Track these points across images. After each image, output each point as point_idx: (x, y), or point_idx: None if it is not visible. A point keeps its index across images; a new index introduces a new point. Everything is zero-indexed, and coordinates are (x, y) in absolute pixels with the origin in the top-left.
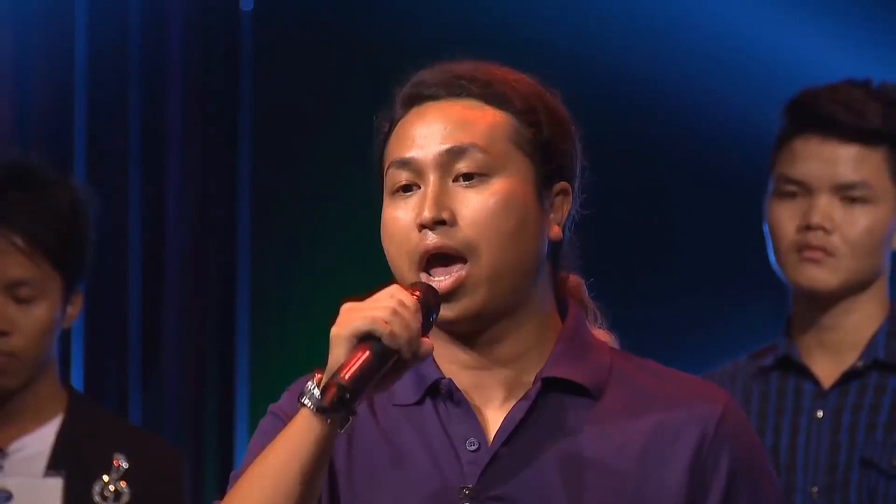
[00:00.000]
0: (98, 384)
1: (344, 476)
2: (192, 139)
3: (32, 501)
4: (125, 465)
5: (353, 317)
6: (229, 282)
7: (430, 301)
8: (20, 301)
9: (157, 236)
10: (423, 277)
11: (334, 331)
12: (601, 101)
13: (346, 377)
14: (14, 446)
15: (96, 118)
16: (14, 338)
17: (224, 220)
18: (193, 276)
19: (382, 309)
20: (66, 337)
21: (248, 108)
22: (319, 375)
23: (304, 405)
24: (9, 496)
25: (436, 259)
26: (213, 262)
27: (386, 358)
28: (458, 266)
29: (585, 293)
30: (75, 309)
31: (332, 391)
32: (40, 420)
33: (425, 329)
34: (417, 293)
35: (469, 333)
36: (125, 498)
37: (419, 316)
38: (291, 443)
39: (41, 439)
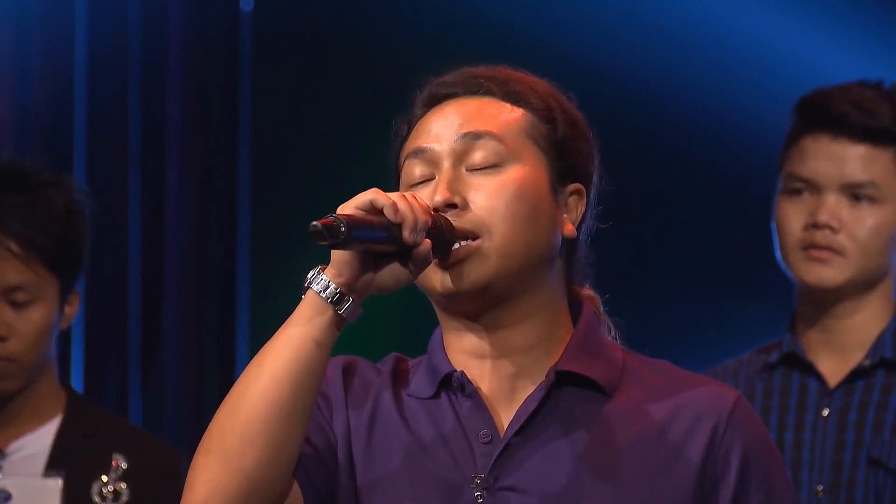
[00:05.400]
0: (98, 384)
1: (362, 460)
2: (192, 139)
3: (32, 502)
4: (124, 465)
5: (360, 194)
6: (229, 281)
7: (442, 222)
8: (17, 305)
9: (157, 236)
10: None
11: (340, 208)
12: (604, 102)
13: (344, 215)
14: (13, 447)
15: (96, 118)
16: (11, 342)
17: (224, 219)
18: (193, 275)
19: (393, 193)
20: (65, 337)
21: (248, 108)
22: (323, 266)
23: (308, 288)
24: (8, 496)
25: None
26: (213, 261)
27: (386, 228)
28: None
29: (600, 306)
30: (73, 309)
31: (329, 219)
32: (39, 420)
33: (435, 249)
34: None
35: (478, 315)
36: (124, 498)
37: (429, 217)
38: (294, 325)
39: (40, 439)
